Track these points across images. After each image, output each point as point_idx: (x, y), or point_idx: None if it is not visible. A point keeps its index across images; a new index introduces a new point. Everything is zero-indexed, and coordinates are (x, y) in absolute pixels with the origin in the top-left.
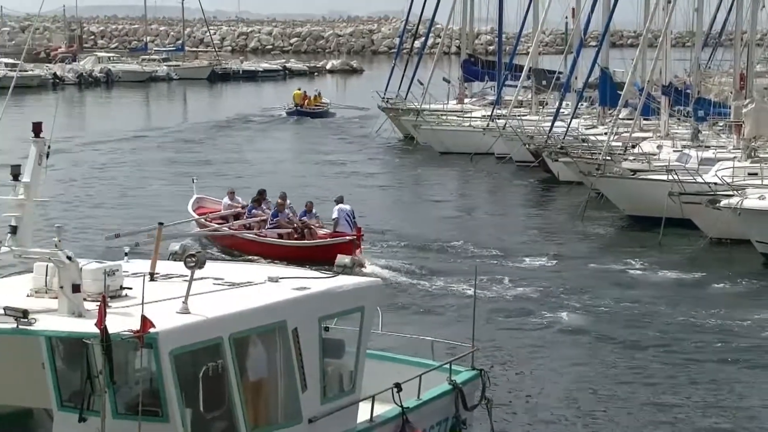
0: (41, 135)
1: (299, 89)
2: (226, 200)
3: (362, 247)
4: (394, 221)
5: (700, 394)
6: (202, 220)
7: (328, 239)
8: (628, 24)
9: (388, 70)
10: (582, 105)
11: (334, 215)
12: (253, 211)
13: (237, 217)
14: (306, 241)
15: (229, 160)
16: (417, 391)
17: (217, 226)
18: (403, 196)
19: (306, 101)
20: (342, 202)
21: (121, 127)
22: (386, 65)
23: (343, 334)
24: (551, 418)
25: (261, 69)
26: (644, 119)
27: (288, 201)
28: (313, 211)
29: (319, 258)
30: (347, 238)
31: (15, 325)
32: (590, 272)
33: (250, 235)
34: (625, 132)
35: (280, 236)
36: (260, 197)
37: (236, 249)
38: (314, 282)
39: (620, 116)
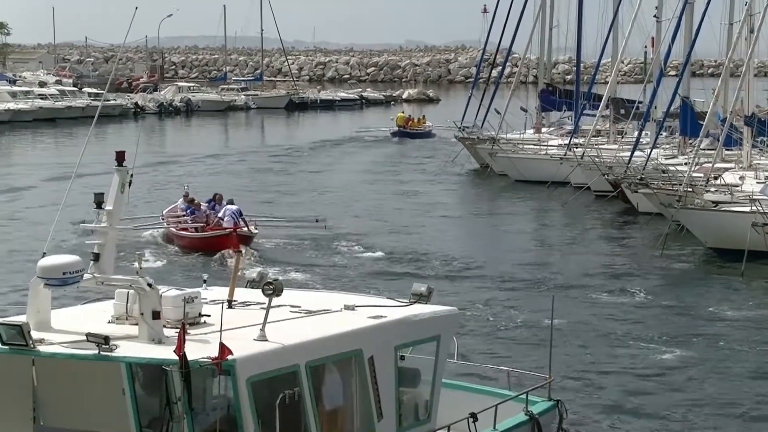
0: (124, 164)
1: (402, 112)
2: (180, 202)
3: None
4: (469, 250)
5: None
6: (160, 219)
7: (212, 231)
8: (710, 53)
9: (464, 100)
10: (662, 135)
11: (220, 213)
12: (195, 212)
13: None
14: (197, 234)
15: (305, 186)
16: (493, 421)
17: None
18: (478, 226)
19: (409, 123)
20: (232, 204)
21: (199, 153)
22: (462, 95)
23: (418, 363)
24: None
25: (338, 98)
26: (726, 150)
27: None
28: (223, 203)
29: (205, 248)
30: (227, 230)
31: (96, 351)
32: (670, 306)
33: (173, 229)
34: (707, 163)
35: (196, 230)
36: (193, 199)
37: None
38: (390, 310)
39: (701, 147)
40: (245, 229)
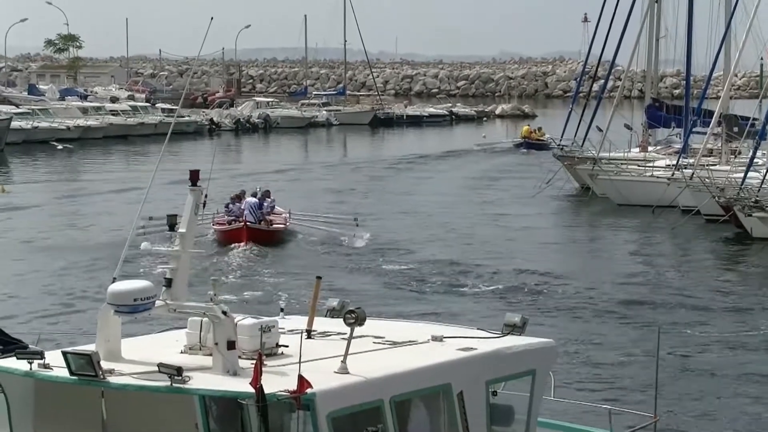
0: (198, 183)
1: (528, 125)
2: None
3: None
4: (567, 279)
5: None
6: (211, 220)
7: (225, 226)
8: None
9: (562, 116)
10: None
11: (242, 206)
12: (230, 206)
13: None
14: (219, 227)
15: (389, 207)
16: None
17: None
18: (577, 253)
19: (532, 134)
20: (253, 197)
21: (277, 172)
22: (560, 110)
23: (512, 400)
24: None
25: (426, 114)
26: None
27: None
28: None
29: (225, 241)
30: (240, 224)
31: (169, 383)
32: None
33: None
34: None
35: (229, 223)
36: (238, 196)
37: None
38: (481, 342)
39: None
40: (258, 223)
